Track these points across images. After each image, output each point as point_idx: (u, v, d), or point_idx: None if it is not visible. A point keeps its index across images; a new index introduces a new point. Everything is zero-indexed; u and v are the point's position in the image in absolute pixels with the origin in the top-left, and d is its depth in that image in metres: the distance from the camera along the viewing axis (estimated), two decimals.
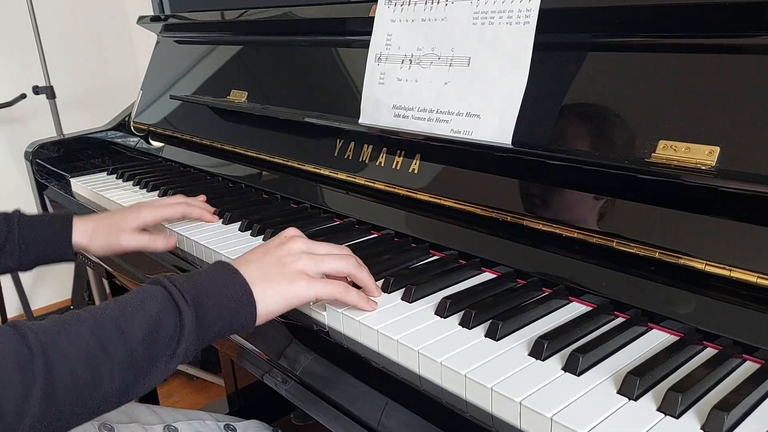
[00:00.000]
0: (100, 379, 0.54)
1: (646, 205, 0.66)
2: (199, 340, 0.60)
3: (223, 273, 0.64)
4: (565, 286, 0.69)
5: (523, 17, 0.76)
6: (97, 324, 0.56)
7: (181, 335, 0.58)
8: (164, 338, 0.57)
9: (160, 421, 0.87)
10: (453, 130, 0.83)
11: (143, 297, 0.59)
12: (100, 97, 2.61)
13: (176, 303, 0.59)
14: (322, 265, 0.68)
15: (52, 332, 0.54)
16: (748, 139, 0.61)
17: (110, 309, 0.58)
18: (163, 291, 0.60)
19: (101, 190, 1.26)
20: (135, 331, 0.56)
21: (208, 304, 0.60)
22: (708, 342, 0.59)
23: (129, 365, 0.55)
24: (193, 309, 0.59)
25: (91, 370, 0.53)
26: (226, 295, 0.62)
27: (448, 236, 0.83)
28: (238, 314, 0.62)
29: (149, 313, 0.57)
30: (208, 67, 1.40)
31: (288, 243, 0.69)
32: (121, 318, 0.57)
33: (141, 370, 0.56)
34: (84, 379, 0.53)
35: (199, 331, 0.59)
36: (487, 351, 0.60)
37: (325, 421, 0.68)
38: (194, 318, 0.59)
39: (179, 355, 0.58)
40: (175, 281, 0.61)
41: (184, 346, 0.58)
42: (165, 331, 0.57)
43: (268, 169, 1.17)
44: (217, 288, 0.62)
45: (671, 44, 0.69)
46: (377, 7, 0.94)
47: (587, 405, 0.51)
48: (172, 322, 0.58)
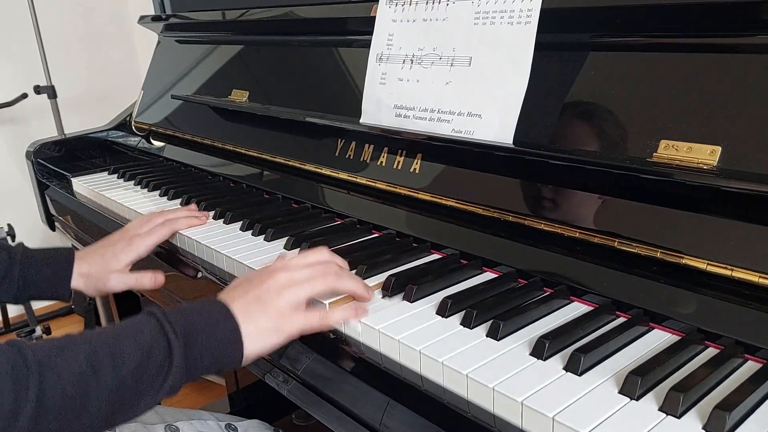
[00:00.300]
0: (88, 404, 0.55)
1: (647, 205, 0.66)
2: (186, 375, 0.61)
3: (213, 311, 0.64)
4: (567, 285, 0.69)
5: (525, 17, 0.76)
6: (91, 348, 0.57)
7: (170, 369, 0.59)
8: (153, 370, 0.58)
9: (161, 421, 0.87)
10: (454, 130, 0.83)
11: (137, 327, 0.60)
12: (101, 97, 2.61)
13: (167, 337, 0.60)
14: (302, 293, 0.67)
15: (49, 352, 0.55)
16: (750, 138, 0.61)
17: (105, 335, 0.59)
18: (156, 324, 0.61)
19: (102, 189, 1.26)
20: (126, 360, 0.57)
21: (197, 341, 0.61)
22: (710, 342, 0.59)
23: (117, 393, 0.56)
24: (182, 344, 0.60)
25: (81, 393, 0.55)
26: (215, 334, 0.62)
27: (449, 236, 0.83)
28: (225, 353, 0.63)
29: (141, 345, 0.59)
30: (209, 66, 1.40)
31: (269, 280, 0.68)
32: (115, 346, 0.58)
33: (128, 399, 0.57)
34: (73, 402, 0.54)
35: (187, 367, 0.60)
36: (488, 351, 0.60)
37: (327, 421, 0.68)
38: (183, 353, 0.60)
39: (166, 387, 0.59)
40: (167, 315, 0.62)
41: (172, 379, 0.59)
42: (154, 363, 0.58)
43: (270, 169, 1.17)
44: (208, 326, 0.62)
45: (673, 44, 0.69)
46: (378, 6, 0.94)
47: (589, 405, 0.51)
48: (162, 355, 0.59)
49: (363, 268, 0.76)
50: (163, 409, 0.90)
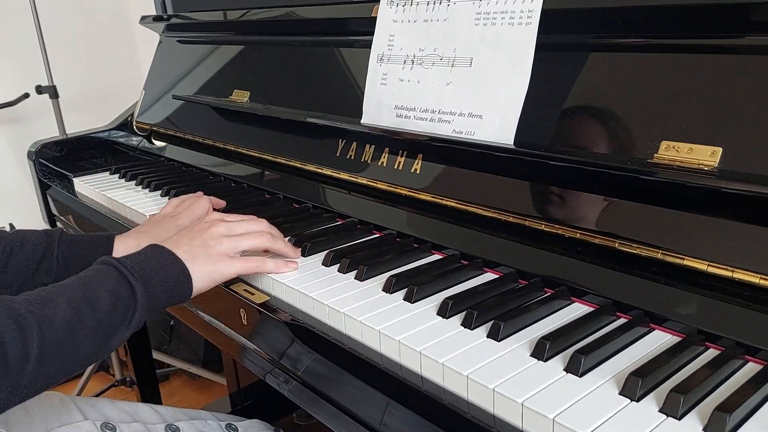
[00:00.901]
0: (77, 343, 0.64)
1: (648, 206, 0.66)
2: (149, 310, 0.70)
3: (161, 255, 0.74)
4: (567, 286, 0.69)
5: (525, 18, 0.76)
6: (70, 297, 0.66)
7: (135, 306, 0.69)
8: (122, 309, 0.68)
9: (162, 421, 0.87)
10: (455, 131, 0.83)
11: (102, 275, 0.69)
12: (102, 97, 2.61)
13: (129, 281, 0.69)
14: (239, 245, 0.79)
15: (37, 304, 0.63)
16: (751, 139, 0.61)
17: (77, 285, 0.68)
18: (116, 271, 0.70)
19: (104, 189, 1.26)
20: (101, 303, 0.66)
21: (153, 281, 0.71)
22: (710, 343, 0.59)
23: (98, 331, 0.66)
24: (142, 285, 0.70)
25: (71, 335, 0.63)
26: (168, 273, 0.73)
27: (450, 236, 0.83)
28: (178, 289, 0.73)
29: (109, 289, 0.68)
30: (211, 66, 1.40)
31: (211, 228, 0.80)
32: (89, 293, 0.67)
33: (107, 335, 0.67)
34: (66, 343, 0.63)
35: (149, 303, 0.70)
36: (489, 351, 0.60)
37: (327, 421, 0.68)
38: (144, 292, 0.69)
39: (135, 323, 0.69)
40: (123, 262, 0.71)
41: (138, 315, 0.69)
42: (123, 303, 0.68)
43: (271, 169, 1.17)
44: (160, 268, 0.73)
45: (674, 45, 0.69)
46: (379, 7, 0.94)
47: (589, 406, 0.51)
48: (127, 295, 0.69)
49: (364, 269, 0.77)
50: (163, 409, 0.90)
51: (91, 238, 0.92)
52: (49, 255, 0.88)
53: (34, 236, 0.89)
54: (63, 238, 0.90)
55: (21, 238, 0.88)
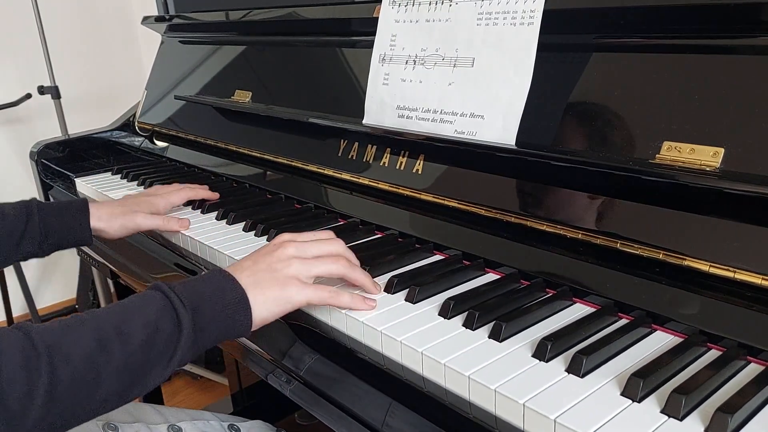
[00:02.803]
0: (100, 381, 0.55)
1: (650, 206, 0.66)
2: (195, 345, 0.61)
3: (219, 279, 0.65)
4: (569, 287, 0.69)
5: (527, 18, 0.76)
6: (98, 327, 0.57)
7: (179, 340, 0.59)
8: (162, 343, 0.58)
9: (164, 421, 0.87)
10: (457, 131, 0.83)
11: (143, 302, 0.61)
12: (104, 97, 2.62)
13: (175, 309, 0.60)
14: (312, 269, 0.69)
15: (57, 334, 0.55)
16: (753, 140, 0.61)
17: (111, 313, 0.59)
18: (162, 296, 0.61)
19: (106, 190, 1.27)
20: (134, 335, 0.57)
21: (205, 309, 0.61)
22: (712, 344, 0.59)
23: (127, 368, 0.57)
24: (190, 315, 0.60)
25: (92, 371, 0.55)
26: (223, 301, 0.63)
27: (451, 237, 0.83)
28: (234, 320, 0.63)
29: (148, 318, 0.59)
30: (213, 67, 1.41)
31: (279, 249, 0.70)
32: (122, 322, 0.58)
33: (139, 373, 0.58)
34: (85, 380, 0.54)
35: (196, 337, 0.61)
36: (490, 352, 0.60)
37: (329, 422, 0.68)
38: (191, 323, 0.60)
39: (176, 359, 0.59)
40: (174, 287, 0.62)
41: (181, 351, 0.59)
42: (162, 336, 0.59)
43: (272, 169, 1.17)
44: (214, 294, 0.63)
45: (676, 45, 0.69)
46: (381, 7, 0.94)
47: (591, 407, 0.51)
48: (170, 328, 0.59)
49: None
50: (166, 410, 0.91)
51: (67, 203, 0.96)
52: (32, 224, 0.91)
53: (12, 208, 0.92)
54: (41, 207, 0.93)
55: (1, 213, 0.90)
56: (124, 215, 0.98)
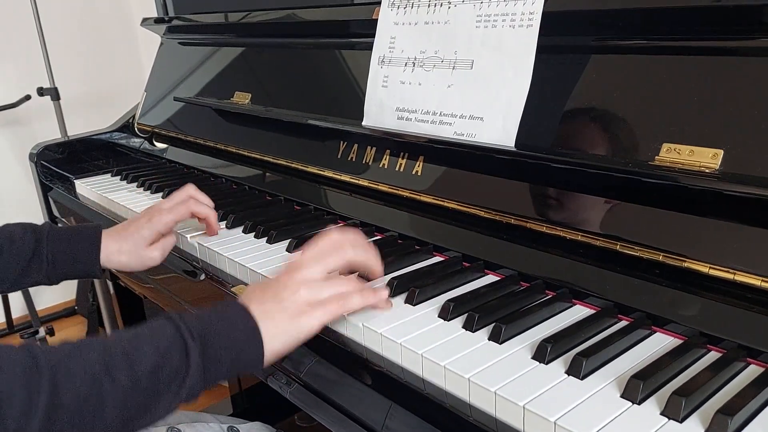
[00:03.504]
0: (103, 405, 0.54)
1: (649, 208, 0.66)
2: (205, 379, 0.59)
3: (231, 312, 0.63)
4: (569, 289, 0.69)
5: (527, 20, 0.76)
6: (106, 351, 0.56)
7: (187, 372, 0.58)
8: (170, 373, 0.57)
9: (163, 423, 0.87)
10: (456, 133, 0.83)
11: (152, 331, 0.60)
12: (104, 99, 2.61)
13: (184, 340, 0.59)
14: (321, 293, 0.67)
15: (62, 354, 0.54)
16: (752, 142, 0.61)
17: (120, 338, 0.58)
18: (173, 327, 0.60)
19: (105, 191, 1.27)
20: (142, 362, 0.56)
21: (214, 340, 0.60)
22: (712, 345, 0.59)
23: (133, 394, 0.55)
24: (200, 347, 0.59)
25: (96, 395, 0.53)
26: (234, 334, 0.61)
27: (451, 238, 0.83)
28: (245, 353, 0.62)
29: (157, 346, 0.58)
30: (212, 68, 1.41)
31: (284, 277, 0.67)
32: (130, 348, 0.57)
33: (144, 402, 0.56)
34: (87, 404, 0.53)
35: (205, 369, 0.59)
36: (490, 354, 0.60)
37: (329, 424, 0.68)
38: (200, 356, 0.59)
39: (184, 391, 0.58)
40: (184, 317, 0.61)
41: (190, 382, 0.58)
42: (171, 366, 0.57)
43: (272, 171, 1.17)
44: (225, 327, 0.61)
45: (675, 47, 0.69)
46: (381, 9, 0.94)
47: (591, 409, 0.51)
48: (179, 358, 0.58)
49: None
50: None
51: (79, 232, 0.92)
52: (39, 253, 0.88)
53: (22, 233, 0.88)
54: (51, 235, 0.89)
55: (8, 235, 0.87)
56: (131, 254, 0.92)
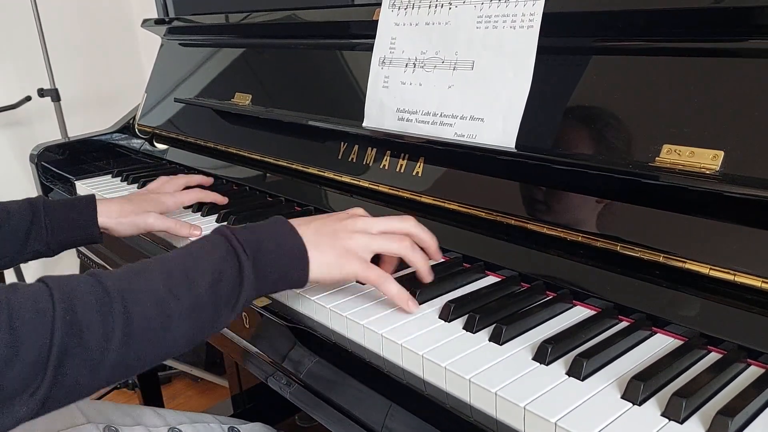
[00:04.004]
0: (170, 323, 0.58)
1: (650, 209, 0.66)
2: (256, 291, 0.64)
3: (282, 229, 0.67)
4: (569, 289, 0.69)
5: (527, 21, 0.76)
6: (166, 272, 0.60)
7: (241, 286, 0.62)
8: (227, 287, 0.61)
9: (164, 424, 0.87)
10: (457, 134, 0.83)
11: (207, 247, 0.63)
12: (104, 100, 2.62)
13: (237, 255, 0.62)
14: (371, 244, 0.69)
15: (127, 280, 0.58)
16: (753, 143, 0.61)
17: (178, 258, 0.62)
18: (226, 243, 0.63)
19: (106, 192, 1.26)
20: (200, 280, 0.60)
21: (265, 257, 0.64)
22: (712, 347, 0.59)
23: (196, 311, 0.59)
24: (251, 261, 0.63)
25: (163, 314, 0.57)
26: (283, 250, 0.65)
27: (451, 239, 0.83)
28: (292, 269, 0.66)
29: (213, 264, 0.61)
30: (212, 69, 1.41)
31: (347, 219, 0.71)
32: (188, 267, 0.61)
33: (207, 316, 0.60)
34: (157, 323, 0.57)
35: (257, 283, 0.63)
36: (491, 355, 0.60)
37: (329, 424, 0.69)
38: (252, 270, 0.62)
39: (240, 303, 0.62)
40: (236, 233, 0.64)
41: (245, 295, 0.62)
42: (227, 281, 0.61)
43: (272, 172, 1.17)
44: (276, 242, 0.65)
45: (676, 48, 0.69)
46: (381, 10, 0.94)
47: (591, 410, 0.51)
48: (234, 274, 0.62)
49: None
50: (166, 412, 0.91)
51: (74, 200, 0.95)
52: (37, 221, 0.90)
53: (18, 206, 0.90)
54: (47, 204, 0.92)
55: (6, 211, 0.89)
56: (136, 214, 0.96)
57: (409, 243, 0.71)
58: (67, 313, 0.53)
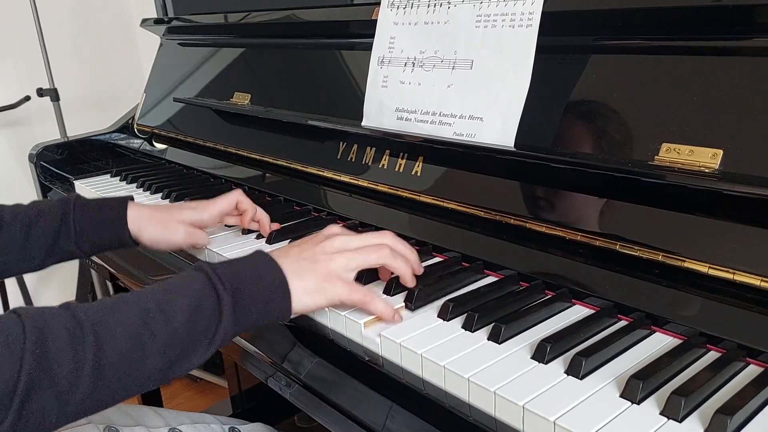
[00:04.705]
0: (144, 358, 0.57)
1: (649, 208, 0.66)
2: (235, 326, 0.62)
3: (261, 262, 0.66)
4: (568, 289, 0.69)
5: (526, 20, 0.76)
6: (142, 306, 0.59)
7: (220, 321, 0.61)
8: (204, 322, 0.60)
9: (164, 424, 0.87)
10: (456, 133, 0.83)
11: (186, 282, 0.62)
12: (103, 100, 2.61)
13: (216, 289, 0.61)
14: (352, 262, 0.69)
15: (102, 313, 0.57)
16: (752, 142, 0.61)
17: (155, 292, 0.61)
18: (204, 277, 0.62)
19: (105, 192, 1.27)
20: (177, 314, 0.59)
21: (245, 291, 0.62)
22: (711, 345, 0.59)
23: (170, 346, 0.58)
24: (231, 296, 0.61)
25: (137, 348, 0.56)
26: (263, 284, 0.64)
27: (451, 239, 0.83)
28: (273, 303, 0.64)
29: (191, 298, 0.60)
30: (212, 69, 1.41)
31: (324, 241, 0.69)
32: (165, 301, 0.59)
33: (181, 351, 0.59)
34: (130, 357, 0.56)
35: (236, 318, 0.62)
36: (490, 354, 0.60)
37: (329, 425, 0.68)
38: (232, 305, 0.61)
39: (218, 338, 0.61)
40: (216, 268, 0.63)
41: (222, 330, 0.61)
42: (204, 316, 0.60)
43: (272, 172, 1.17)
44: (255, 276, 0.64)
45: (674, 47, 0.69)
46: (380, 10, 0.94)
47: (590, 408, 0.51)
48: (211, 308, 0.60)
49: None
50: (166, 412, 0.91)
51: (106, 201, 0.91)
52: (66, 221, 0.88)
53: (50, 205, 0.89)
54: (78, 203, 0.89)
55: (37, 210, 0.88)
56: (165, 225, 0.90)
57: (388, 251, 0.70)
58: (37, 346, 0.52)
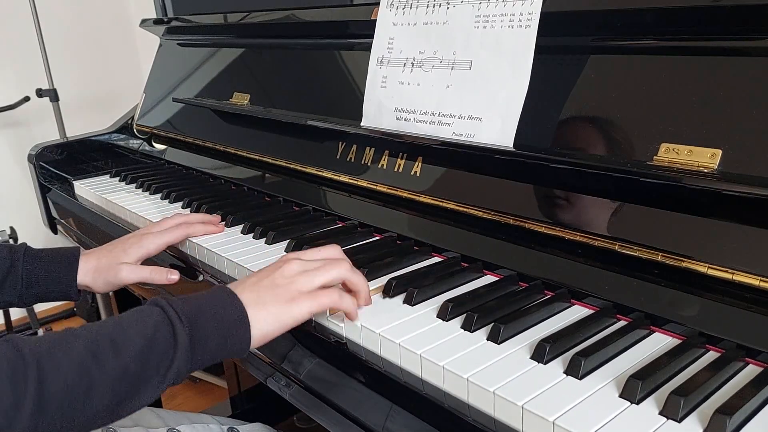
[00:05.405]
0: (91, 393, 0.54)
1: (648, 208, 0.66)
2: (191, 361, 0.60)
3: (219, 296, 0.64)
4: (568, 289, 0.69)
5: (525, 21, 0.76)
6: (92, 338, 0.56)
7: (174, 354, 0.58)
8: (157, 356, 0.57)
9: (163, 424, 0.87)
10: (455, 133, 0.83)
11: (140, 315, 0.60)
12: (103, 100, 2.62)
13: (171, 322, 0.59)
14: (314, 280, 0.68)
15: (48, 345, 0.54)
16: (751, 142, 0.61)
17: (106, 325, 0.58)
18: (160, 311, 0.60)
19: (104, 192, 1.26)
20: (129, 347, 0.56)
21: (202, 325, 0.60)
22: (710, 345, 0.59)
23: (121, 380, 0.55)
24: (187, 329, 0.59)
25: (83, 382, 0.53)
26: (221, 316, 0.62)
27: (450, 239, 0.83)
28: (232, 336, 0.62)
29: (144, 331, 0.58)
30: (211, 69, 1.41)
31: (282, 266, 0.69)
32: (116, 333, 0.57)
33: (132, 387, 0.56)
34: (76, 392, 0.53)
35: (193, 352, 0.60)
36: (489, 354, 0.60)
37: (329, 425, 0.68)
38: (188, 338, 0.59)
39: (172, 374, 0.58)
40: (171, 302, 0.61)
41: (177, 365, 0.58)
42: (158, 349, 0.58)
43: (271, 172, 1.17)
44: (213, 309, 0.62)
45: (673, 47, 0.69)
46: (379, 10, 0.94)
47: (589, 409, 0.51)
48: (166, 341, 0.58)
49: (364, 271, 0.76)
50: (165, 413, 0.91)
51: (57, 253, 0.89)
52: (14, 271, 0.85)
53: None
54: (27, 254, 0.87)
55: None
56: (108, 270, 0.88)
57: (348, 265, 0.70)
58: None
